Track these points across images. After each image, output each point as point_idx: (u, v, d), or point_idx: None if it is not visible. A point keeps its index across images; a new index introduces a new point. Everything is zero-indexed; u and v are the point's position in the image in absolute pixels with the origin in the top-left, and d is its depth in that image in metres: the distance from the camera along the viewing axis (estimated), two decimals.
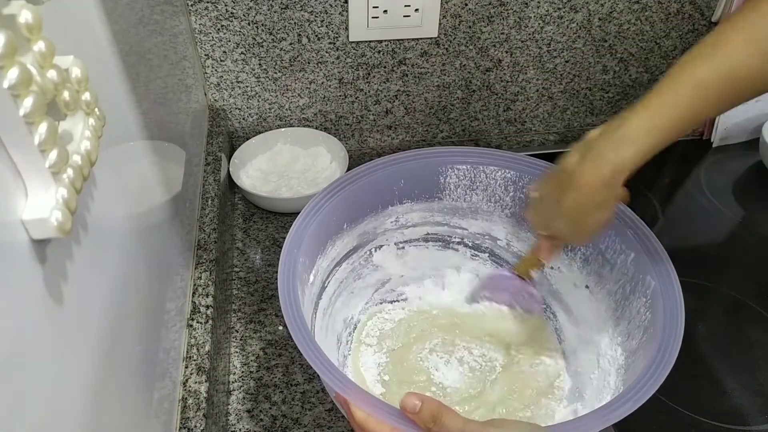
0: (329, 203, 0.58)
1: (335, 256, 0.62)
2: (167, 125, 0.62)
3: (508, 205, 0.65)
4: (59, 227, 0.28)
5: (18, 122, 0.26)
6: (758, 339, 0.68)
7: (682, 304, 0.49)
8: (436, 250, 0.70)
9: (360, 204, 0.62)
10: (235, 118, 0.91)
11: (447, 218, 0.68)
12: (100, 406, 0.34)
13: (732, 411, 0.61)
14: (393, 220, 0.66)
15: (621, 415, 0.42)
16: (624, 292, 0.56)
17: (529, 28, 0.88)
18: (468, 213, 0.68)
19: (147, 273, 0.48)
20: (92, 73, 0.33)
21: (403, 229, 0.68)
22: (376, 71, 0.88)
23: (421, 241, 0.70)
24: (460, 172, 0.64)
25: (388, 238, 0.68)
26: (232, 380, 0.63)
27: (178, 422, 0.50)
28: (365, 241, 0.66)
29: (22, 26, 0.26)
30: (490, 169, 0.64)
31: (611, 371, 0.54)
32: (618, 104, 1.00)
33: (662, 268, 0.52)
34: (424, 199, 0.66)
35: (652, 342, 0.49)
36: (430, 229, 0.69)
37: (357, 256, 0.66)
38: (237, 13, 0.80)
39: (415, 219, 0.68)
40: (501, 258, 0.69)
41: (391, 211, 0.65)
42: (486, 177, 0.64)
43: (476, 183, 0.65)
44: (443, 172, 0.64)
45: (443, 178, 0.65)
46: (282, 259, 0.51)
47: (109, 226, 0.41)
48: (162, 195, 0.56)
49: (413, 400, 0.40)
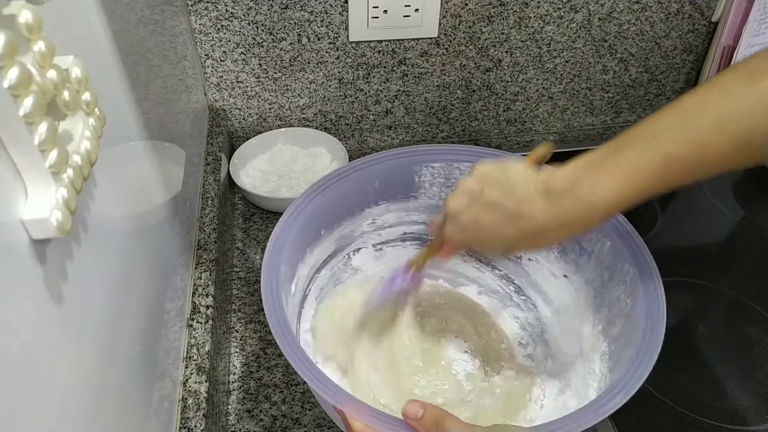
0: (306, 210, 0.57)
1: (314, 262, 0.62)
2: (167, 125, 0.62)
3: None
4: (59, 227, 0.28)
5: (18, 122, 0.26)
6: (758, 339, 0.68)
7: (662, 290, 0.50)
8: (414, 249, 0.70)
9: (336, 208, 0.62)
10: (235, 118, 0.91)
11: (423, 216, 0.68)
12: (100, 405, 0.34)
13: (732, 411, 0.61)
14: (370, 222, 0.66)
15: (614, 407, 0.42)
16: (602, 279, 0.57)
17: (529, 28, 0.88)
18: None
19: (147, 273, 0.48)
20: (92, 73, 0.33)
21: (380, 230, 0.68)
22: (376, 71, 0.88)
23: (398, 241, 0.70)
24: (435, 170, 0.64)
25: (365, 241, 0.68)
26: (232, 380, 0.63)
27: (178, 422, 0.50)
28: (343, 245, 0.66)
29: (22, 26, 0.26)
30: (464, 165, 0.64)
31: (595, 358, 0.55)
32: (618, 104, 1.00)
33: (639, 255, 0.53)
34: (399, 199, 0.66)
35: (635, 329, 0.49)
36: (406, 229, 0.69)
37: (336, 261, 0.66)
38: (237, 13, 0.80)
39: (392, 219, 0.68)
40: (478, 253, 0.69)
41: (368, 213, 0.65)
42: (460, 173, 0.64)
43: (451, 180, 0.65)
44: (418, 171, 0.64)
45: (418, 177, 0.65)
46: (264, 272, 0.50)
47: (109, 226, 0.41)
48: (162, 195, 0.56)
49: (416, 407, 0.40)
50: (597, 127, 1.03)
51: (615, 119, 1.03)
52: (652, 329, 0.47)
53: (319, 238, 0.61)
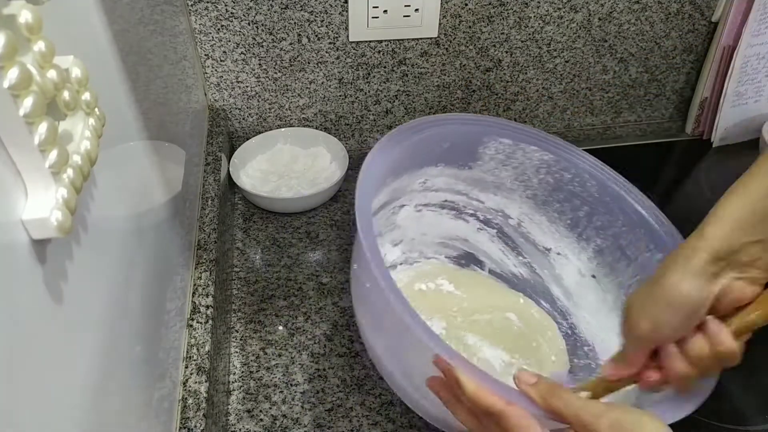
0: (394, 148, 0.55)
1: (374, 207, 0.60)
2: (167, 125, 0.62)
3: (533, 186, 0.65)
4: (59, 227, 0.28)
5: (18, 122, 0.26)
6: (758, 339, 0.68)
7: None
8: (448, 219, 0.70)
9: (407, 158, 0.60)
10: (235, 118, 0.91)
11: (468, 188, 0.68)
12: (99, 406, 0.34)
13: (732, 411, 0.61)
14: (422, 181, 0.65)
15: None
16: (638, 285, 0.56)
17: (529, 28, 0.88)
18: (490, 187, 0.67)
19: (147, 273, 0.48)
20: (92, 73, 0.33)
21: (427, 192, 0.67)
22: (376, 71, 0.88)
23: (437, 207, 0.69)
24: (501, 146, 0.63)
25: (411, 199, 0.67)
26: (232, 380, 0.63)
27: (178, 422, 0.50)
28: (393, 198, 0.65)
29: (22, 26, 0.26)
30: (531, 148, 0.63)
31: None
32: (618, 104, 1.00)
33: None
34: (457, 165, 0.65)
35: None
36: (449, 196, 0.68)
37: (384, 212, 0.65)
38: (237, 13, 0.80)
39: (440, 184, 0.67)
40: (508, 236, 0.69)
41: (424, 172, 0.64)
42: (523, 154, 0.64)
43: (511, 159, 0.64)
44: (486, 142, 0.63)
45: (483, 147, 0.64)
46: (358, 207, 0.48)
47: (109, 226, 0.41)
48: (162, 195, 0.56)
49: (529, 374, 0.39)
50: (597, 127, 1.03)
51: (615, 119, 1.03)
52: None
53: (384, 183, 0.59)
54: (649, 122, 1.04)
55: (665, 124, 1.04)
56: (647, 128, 1.03)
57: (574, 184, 0.63)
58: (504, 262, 0.71)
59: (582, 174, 0.62)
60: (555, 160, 0.63)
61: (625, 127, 1.03)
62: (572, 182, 0.63)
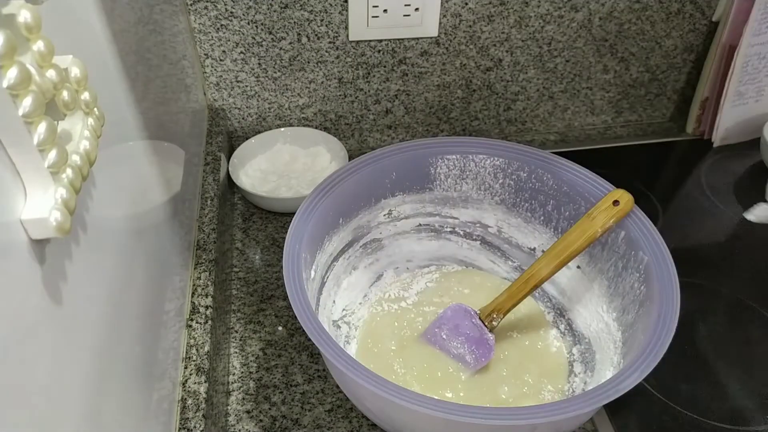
0: (326, 198, 0.59)
1: (332, 250, 0.63)
2: (166, 125, 0.62)
3: (498, 192, 0.67)
4: (58, 227, 0.28)
5: (17, 122, 0.26)
6: (758, 339, 0.68)
7: (676, 274, 0.51)
8: (428, 241, 0.71)
9: (354, 198, 0.63)
10: (235, 118, 0.90)
11: (438, 208, 0.69)
12: (99, 406, 0.34)
13: (732, 411, 0.61)
14: (386, 213, 0.67)
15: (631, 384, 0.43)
16: (616, 269, 0.58)
17: (529, 27, 0.88)
18: (459, 202, 0.69)
19: (146, 273, 0.48)
20: (91, 72, 0.33)
21: (396, 221, 0.69)
22: (376, 71, 0.88)
23: (413, 232, 0.71)
24: (450, 162, 0.65)
25: (381, 231, 0.69)
26: (232, 381, 0.63)
27: (178, 423, 0.50)
28: (360, 235, 0.67)
29: (21, 26, 0.26)
30: (479, 157, 0.65)
31: (609, 347, 0.56)
32: (619, 103, 1.00)
33: (652, 241, 0.54)
34: (415, 190, 0.67)
35: (649, 314, 0.50)
36: (422, 220, 0.70)
37: (352, 250, 0.67)
38: (236, 13, 0.79)
39: (407, 211, 0.69)
40: (492, 245, 0.71)
41: (384, 204, 0.67)
42: (475, 165, 0.66)
43: (466, 172, 0.66)
44: (433, 163, 0.65)
45: (434, 168, 0.66)
46: (286, 256, 0.52)
47: (108, 226, 0.41)
48: (161, 195, 0.56)
49: None
50: (598, 126, 1.03)
51: (616, 119, 1.03)
52: (666, 311, 0.49)
53: (337, 226, 0.62)
54: (650, 122, 1.04)
55: (666, 124, 1.04)
56: (648, 128, 1.03)
57: (533, 181, 0.64)
58: (495, 270, 0.71)
59: (536, 170, 0.64)
60: (506, 163, 0.64)
61: (626, 127, 1.03)
62: (530, 180, 0.65)
